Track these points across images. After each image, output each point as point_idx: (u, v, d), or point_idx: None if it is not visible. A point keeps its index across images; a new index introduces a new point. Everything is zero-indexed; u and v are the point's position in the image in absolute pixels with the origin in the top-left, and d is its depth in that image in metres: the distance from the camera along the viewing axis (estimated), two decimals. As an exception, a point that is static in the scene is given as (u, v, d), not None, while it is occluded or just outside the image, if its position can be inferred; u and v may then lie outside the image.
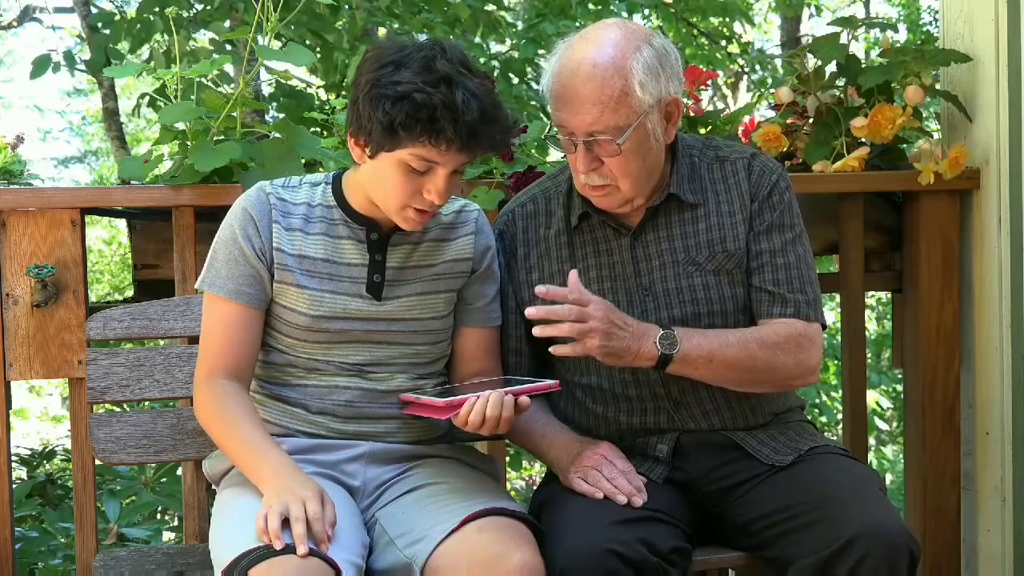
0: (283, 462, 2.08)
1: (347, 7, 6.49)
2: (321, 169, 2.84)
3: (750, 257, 2.29)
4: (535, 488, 2.46)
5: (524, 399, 2.11)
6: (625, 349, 2.14)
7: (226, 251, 2.21)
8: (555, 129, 2.25)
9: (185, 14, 6.02)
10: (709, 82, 3.26)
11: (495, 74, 6.91)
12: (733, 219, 2.30)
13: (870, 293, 4.38)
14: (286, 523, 1.95)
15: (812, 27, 11.07)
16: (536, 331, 2.11)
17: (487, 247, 2.33)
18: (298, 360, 2.24)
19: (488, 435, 2.13)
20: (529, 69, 7.26)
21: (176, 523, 5.09)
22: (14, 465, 3.57)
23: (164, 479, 4.11)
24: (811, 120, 3.06)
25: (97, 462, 2.63)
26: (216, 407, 2.17)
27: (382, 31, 7.13)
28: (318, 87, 6.75)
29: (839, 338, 3.03)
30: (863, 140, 2.97)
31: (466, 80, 2.07)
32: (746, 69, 10.10)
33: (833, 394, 8.06)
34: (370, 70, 2.08)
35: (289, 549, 1.91)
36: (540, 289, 2.10)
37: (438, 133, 2.04)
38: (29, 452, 4.86)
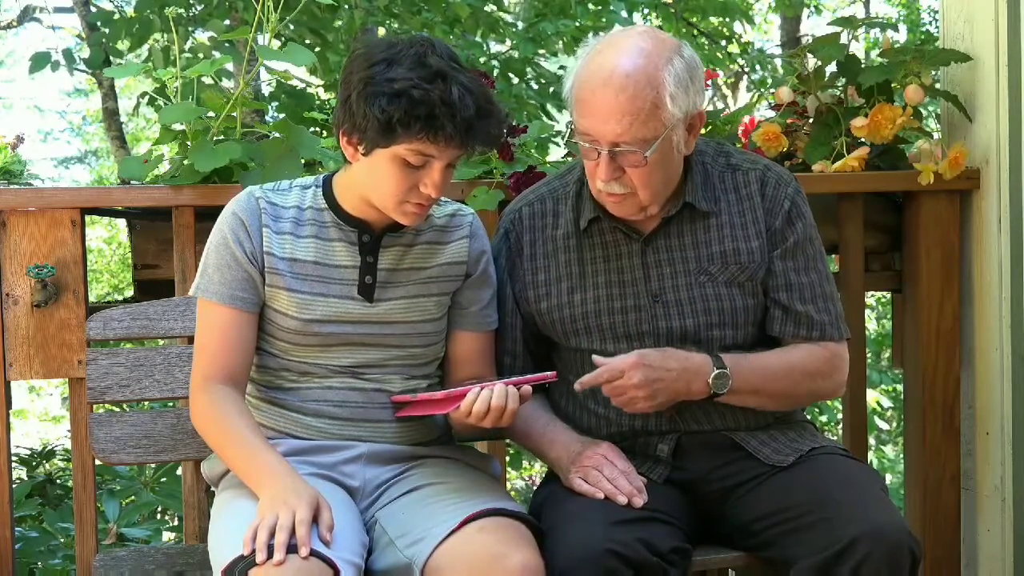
0: (279, 469, 2.07)
1: (346, 7, 6.49)
2: (321, 169, 2.84)
3: (773, 275, 2.29)
4: (535, 488, 2.46)
5: (527, 388, 2.11)
6: (674, 395, 2.19)
7: (217, 256, 2.20)
8: (569, 135, 2.23)
9: (184, 13, 6.02)
10: (709, 82, 3.26)
11: (495, 74, 6.91)
12: (746, 231, 2.29)
13: (870, 293, 4.38)
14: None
15: (812, 27, 11.08)
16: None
17: (482, 251, 2.32)
18: (291, 364, 2.24)
19: (489, 427, 2.11)
20: (529, 69, 7.26)
21: (176, 523, 5.08)
22: (14, 465, 3.56)
23: (164, 479, 4.10)
24: (811, 120, 3.06)
25: (97, 462, 2.63)
26: (212, 413, 2.16)
27: (381, 31, 7.13)
28: (318, 87, 6.74)
29: (839, 338, 3.02)
30: (863, 140, 2.97)
31: (459, 75, 2.06)
32: (746, 69, 10.10)
33: (834, 393, 8.03)
34: (361, 68, 2.08)
35: (293, 547, 1.91)
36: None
37: (436, 129, 2.03)
38: (29, 452, 4.86)
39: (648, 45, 2.16)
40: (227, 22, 6.23)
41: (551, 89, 7.16)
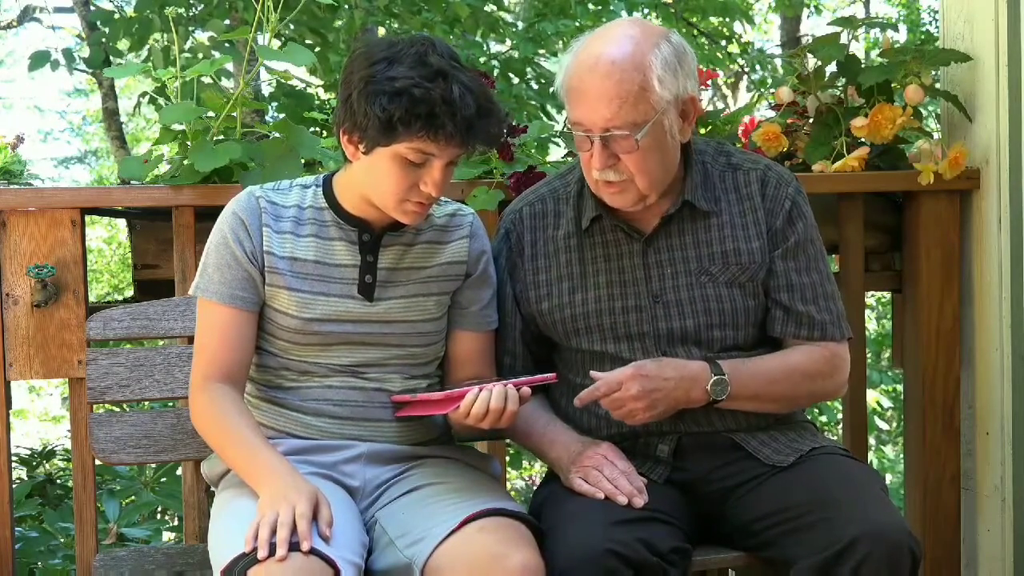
0: (279, 466, 2.07)
1: (346, 7, 6.49)
2: (321, 169, 2.84)
3: (774, 276, 2.29)
4: (535, 488, 2.46)
5: (526, 390, 2.11)
6: (674, 404, 2.20)
7: (217, 256, 2.20)
8: (564, 127, 2.24)
9: (183, 12, 6.02)
10: (709, 82, 3.26)
11: (495, 74, 6.91)
12: (747, 232, 2.29)
13: (870, 293, 4.38)
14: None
15: (812, 27, 11.08)
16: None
17: (482, 251, 2.32)
18: (291, 363, 2.24)
19: (487, 428, 2.11)
20: (529, 69, 7.26)
21: (176, 523, 5.08)
22: (14, 465, 3.56)
23: (164, 479, 4.11)
24: (811, 120, 3.06)
25: (97, 462, 2.63)
26: (212, 412, 2.16)
27: (381, 31, 7.13)
28: (318, 87, 6.75)
29: (839, 338, 3.02)
30: (863, 140, 2.97)
31: (459, 74, 2.07)
32: (746, 69, 10.10)
33: (833, 394, 8.03)
34: (362, 67, 2.08)
35: (293, 546, 1.91)
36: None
37: (437, 128, 2.04)
38: (29, 452, 4.86)
39: (635, 32, 2.18)
40: (227, 22, 6.23)
41: (551, 89, 7.16)
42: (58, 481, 4.50)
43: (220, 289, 2.19)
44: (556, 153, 3.52)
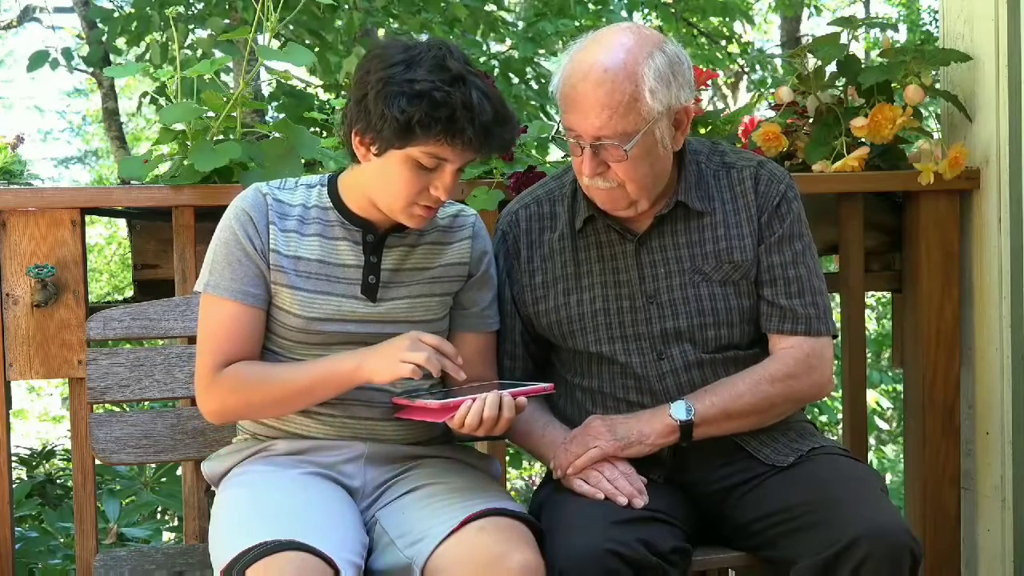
0: (346, 356, 2.15)
1: (345, 7, 6.49)
2: (321, 169, 2.84)
3: (760, 270, 2.29)
4: (535, 488, 2.46)
5: (521, 400, 2.10)
6: (639, 436, 2.21)
7: (227, 252, 2.19)
8: (557, 130, 2.24)
9: (183, 10, 6.03)
10: (709, 82, 3.25)
11: (495, 74, 6.91)
12: (740, 230, 2.29)
13: (870, 293, 4.38)
14: None
15: (812, 27, 11.09)
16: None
17: (484, 252, 2.32)
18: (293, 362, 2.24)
19: (482, 436, 2.12)
20: (529, 69, 7.26)
21: (176, 523, 5.08)
22: (14, 465, 3.56)
23: (164, 479, 4.11)
24: (811, 120, 3.06)
25: (97, 462, 2.63)
26: (236, 384, 2.15)
27: (380, 31, 7.13)
28: (318, 87, 6.75)
29: (839, 338, 3.02)
30: (863, 140, 2.97)
31: (476, 80, 2.07)
32: (746, 69, 10.11)
33: (833, 394, 8.03)
34: (379, 68, 2.07)
35: (293, 545, 1.92)
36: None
37: (456, 133, 2.03)
38: (29, 452, 4.86)
39: (629, 40, 2.17)
40: (226, 22, 6.24)
41: (550, 89, 7.15)
42: (58, 481, 4.50)
43: (231, 285, 2.18)
44: (556, 153, 3.52)
